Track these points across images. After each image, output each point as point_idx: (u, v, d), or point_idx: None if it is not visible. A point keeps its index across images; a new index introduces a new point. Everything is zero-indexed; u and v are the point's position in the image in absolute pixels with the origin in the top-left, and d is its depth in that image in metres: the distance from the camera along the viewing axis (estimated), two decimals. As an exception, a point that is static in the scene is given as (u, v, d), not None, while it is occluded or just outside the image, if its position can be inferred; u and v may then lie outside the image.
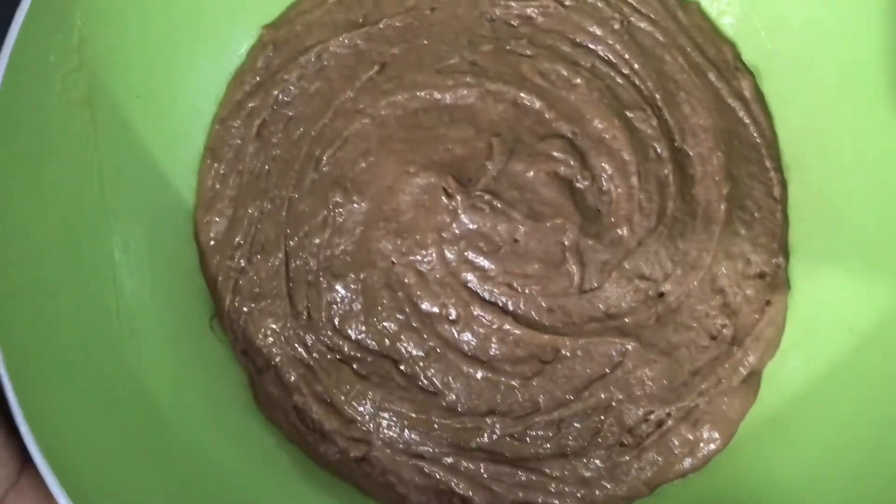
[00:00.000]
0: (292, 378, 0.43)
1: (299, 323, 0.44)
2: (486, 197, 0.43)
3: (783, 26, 0.44)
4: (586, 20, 0.46)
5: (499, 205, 0.43)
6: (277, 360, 0.44)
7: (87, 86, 0.41)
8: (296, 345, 0.44)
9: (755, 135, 0.45)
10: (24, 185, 0.37)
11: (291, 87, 0.47)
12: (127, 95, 0.43)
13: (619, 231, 0.43)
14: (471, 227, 0.43)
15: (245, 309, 0.45)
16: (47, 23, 0.37)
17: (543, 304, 0.42)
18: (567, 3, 0.47)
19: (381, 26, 0.47)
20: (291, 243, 0.45)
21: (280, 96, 0.47)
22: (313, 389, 0.43)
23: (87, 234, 0.40)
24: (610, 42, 0.46)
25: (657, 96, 0.45)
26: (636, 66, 0.45)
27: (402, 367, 0.43)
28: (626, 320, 0.42)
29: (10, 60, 0.35)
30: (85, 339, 0.38)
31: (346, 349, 0.43)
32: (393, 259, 0.43)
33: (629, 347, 0.42)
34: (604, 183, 0.44)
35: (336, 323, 0.44)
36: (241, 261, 0.45)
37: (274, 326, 0.44)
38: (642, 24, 0.46)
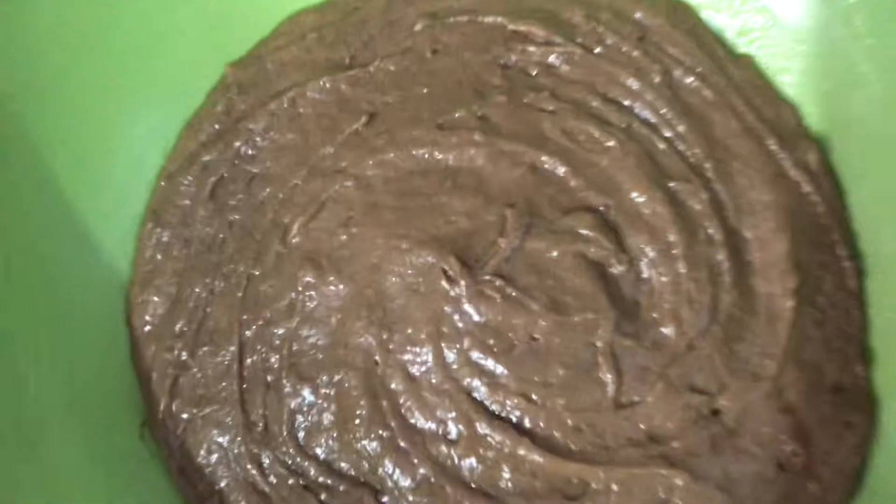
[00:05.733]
0: (241, 510, 0.37)
1: (253, 437, 0.41)
2: (498, 282, 0.40)
3: (859, 86, 0.39)
4: (620, 71, 0.44)
5: (513, 293, 0.40)
6: (223, 484, 0.41)
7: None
8: (248, 465, 0.41)
9: (823, 214, 0.41)
10: None
11: (257, 139, 0.46)
12: (50, 140, 0.38)
13: (664, 330, 0.40)
14: (477, 319, 0.40)
15: (185, 416, 0.42)
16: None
17: (569, 421, 0.39)
18: (596, 49, 0.44)
19: (370, 69, 0.46)
20: (248, 333, 0.43)
21: (243, 149, 0.46)
22: (268, 527, 0.38)
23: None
24: (649, 98, 0.44)
25: (707, 165, 0.42)
26: (681, 128, 0.43)
27: (384, 501, 0.39)
28: (674, 445, 0.38)
29: None
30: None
31: (311, 473, 0.40)
32: (377, 358, 0.41)
33: (678, 482, 0.37)
34: (643, 269, 0.41)
35: (300, 438, 0.41)
36: (183, 353, 0.43)
37: (220, 440, 0.41)
38: (687, 80, 0.45)
